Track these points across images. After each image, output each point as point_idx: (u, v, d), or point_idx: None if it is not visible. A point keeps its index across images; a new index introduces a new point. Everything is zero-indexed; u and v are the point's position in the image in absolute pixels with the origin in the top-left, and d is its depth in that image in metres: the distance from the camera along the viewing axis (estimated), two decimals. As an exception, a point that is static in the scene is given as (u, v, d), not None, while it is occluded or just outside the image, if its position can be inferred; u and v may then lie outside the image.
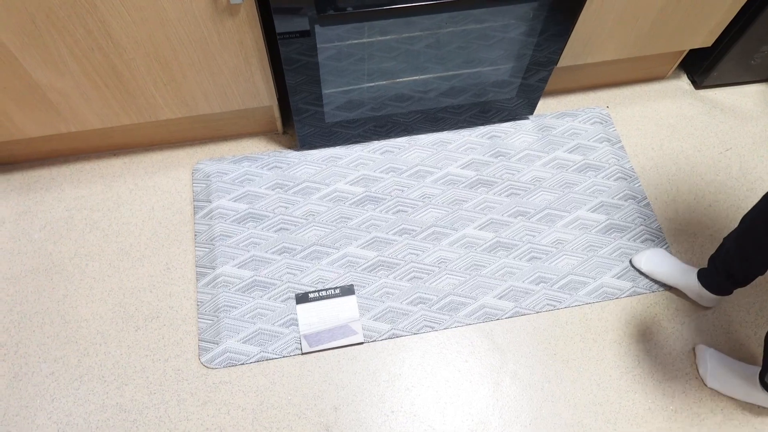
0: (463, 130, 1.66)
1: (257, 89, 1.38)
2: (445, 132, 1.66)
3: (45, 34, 1.10)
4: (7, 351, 1.33)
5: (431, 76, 1.45)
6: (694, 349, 1.37)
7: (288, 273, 1.43)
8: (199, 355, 1.33)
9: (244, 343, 1.34)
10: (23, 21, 1.06)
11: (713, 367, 1.31)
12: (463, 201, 1.54)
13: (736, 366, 1.29)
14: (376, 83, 1.42)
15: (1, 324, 1.36)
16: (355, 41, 1.28)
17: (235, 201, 1.52)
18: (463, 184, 1.57)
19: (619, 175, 1.60)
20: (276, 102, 1.45)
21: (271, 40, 1.41)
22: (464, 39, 1.34)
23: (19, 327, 1.36)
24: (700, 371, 1.33)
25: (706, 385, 1.32)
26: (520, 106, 1.63)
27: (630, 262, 1.47)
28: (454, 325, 1.39)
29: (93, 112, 1.34)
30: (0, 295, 1.39)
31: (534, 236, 1.50)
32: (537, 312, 1.42)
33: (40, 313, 1.37)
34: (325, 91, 1.41)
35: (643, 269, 1.43)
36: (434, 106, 1.56)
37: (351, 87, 1.41)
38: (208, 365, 1.32)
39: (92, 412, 1.27)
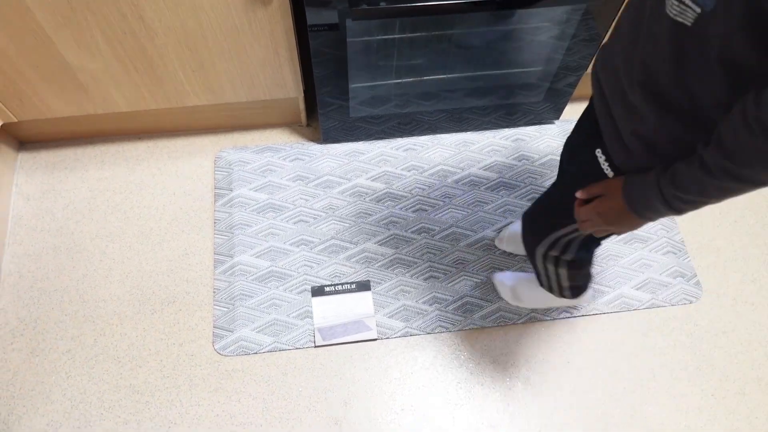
0: (487, 132, 1.65)
1: (284, 80, 1.38)
2: (469, 133, 1.65)
3: (80, 15, 1.11)
4: (26, 326, 1.35)
5: (459, 75, 1.44)
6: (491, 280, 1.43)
7: (305, 265, 1.43)
8: (213, 342, 1.34)
9: (258, 332, 1.35)
10: (59, 2, 1.07)
11: (513, 286, 1.38)
12: (484, 203, 1.53)
13: (529, 278, 1.35)
14: (403, 80, 1.41)
15: (21, 300, 1.38)
16: (385, 37, 1.27)
17: (256, 191, 1.52)
18: (485, 186, 1.56)
19: (643, 185, 1.58)
20: (302, 94, 1.45)
21: (301, 31, 1.41)
22: (495, 40, 1.33)
23: (39, 303, 1.37)
24: (505, 297, 1.40)
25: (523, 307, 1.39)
26: (547, 111, 1.61)
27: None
28: (468, 327, 1.39)
29: (121, 95, 1.35)
30: (22, 271, 1.41)
31: (554, 242, 1.48)
32: (553, 319, 1.40)
33: (60, 290, 1.39)
34: (352, 86, 1.40)
35: (507, 249, 1.47)
36: (459, 106, 1.54)
37: (377, 82, 1.41)
38: (221, 352, 1.33)
39: (106, 391, 1.29)
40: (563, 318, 1.41)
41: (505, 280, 1.41)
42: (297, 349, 1.34)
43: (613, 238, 1.50)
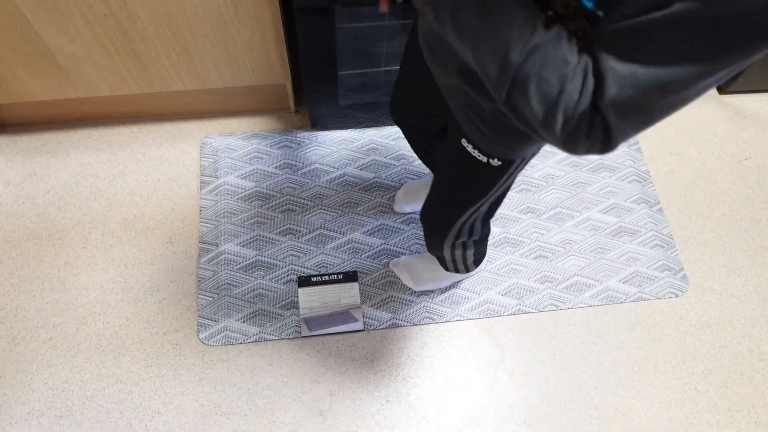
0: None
1: (271, 66, 1.35)
2: (459, 121, 1.62)
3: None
4: (6, 314, 1.33)
5: (450, 63, 1.41)
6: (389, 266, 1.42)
7: (292, 255, 1.41)
8: (198, 332, 1.33)
9: (243, 322, 1.34)
10: (36, -19, 1.03)
11: (409, 265, 1.38)
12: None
13: (425, 260, 1.36)
14: (393, 67, 1.38)
15: (1, 287, 1.35)
16: (375, 23, 1.24)
17: (242, 178, 1.50)
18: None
19: (633, 177, 1.57)
20: (290, 80, 1.42)
21: (289, 15, 1.38)
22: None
23: (19, 291, 1.35)
24: (405, 282, 1.39)
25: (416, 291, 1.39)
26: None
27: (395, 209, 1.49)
28: (455, 319, 1.38)
29: (103, 79, 1.32)
30: (1, 258, 1.38)
31: (542, 234, 1.48)
32: (540, 311, 1.40)
33: (41, 278, 1.37)
34: (341, 72, 1.37)
35: (407, 210, 1.48)
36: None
37: (367, 69, 1.38)
38: (206, 342, 1.32)
39: (88, 380, 1.28)
40: (549, 311, 1.41)
41: (403, 264, 1.40)
42: (282, 339, 1.34)
43: (507, 206, 1.50)
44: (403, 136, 1.58)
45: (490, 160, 0.80)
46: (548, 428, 1.28)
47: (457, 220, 1.00)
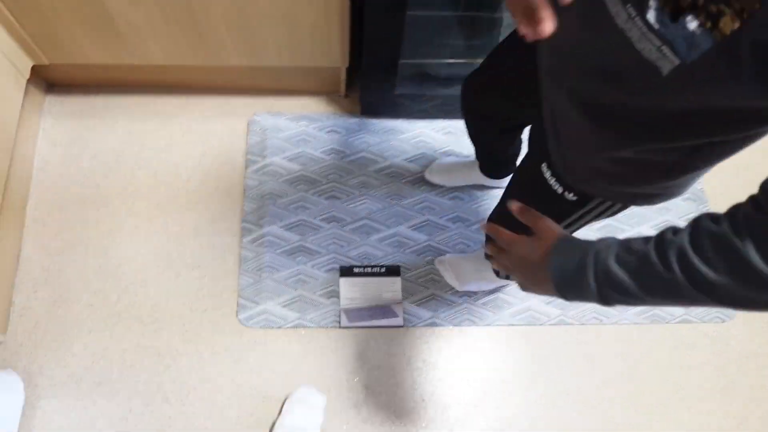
0: (532, 120, 1.58)
1: (331, 48, 1.31)
2: (513, 119, 1.57)
3: (127, -38, 1.03)
4: (49, 275, 1.33)
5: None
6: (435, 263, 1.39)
7: (335, 243, 1.39)
8: (237, 312, 1.32)
9: (283, 307, 1.33)
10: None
11: (454, 265, 1.35)
12: (523, 196, 1.48)
13: (472, 260, 1.34)
14: (458, 60, 1.34)
15: (45, 249, 1.35)
16: (448, 13, 1.19)
17: (289, 160, 1.47)
18: (526, 178, 1.50)
19: (688, 195, 1.51)
20: (347, 64, 1.38)
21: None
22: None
23: (63, 254, 1.35)
24: (449, 281, 1.36)
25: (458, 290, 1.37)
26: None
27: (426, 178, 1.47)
28: (496, 323, 1.36)
29: (159, 47, 1.28)
30: (46, 219, 1.38)
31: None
32: (582, 324, 1.38)
33: (84, 243, 1.36)
34: (402, 61, 1.32)
35: (436, 181, 1.45)
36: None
37: (430, 60, 1.33)
38: (245, 323, 1.31)
39: (127, 350, 1.28)
40: (592, 324, 1.38)
41: (449, 263, 1.37)
42: (321, 327, 1.33)
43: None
44: (454, 131, 1.54)
45: (566, 193, 0.75)
46: (581, 442, 1.27)
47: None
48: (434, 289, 1.37)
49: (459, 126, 1.54)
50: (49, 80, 1.49)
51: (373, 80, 1.38)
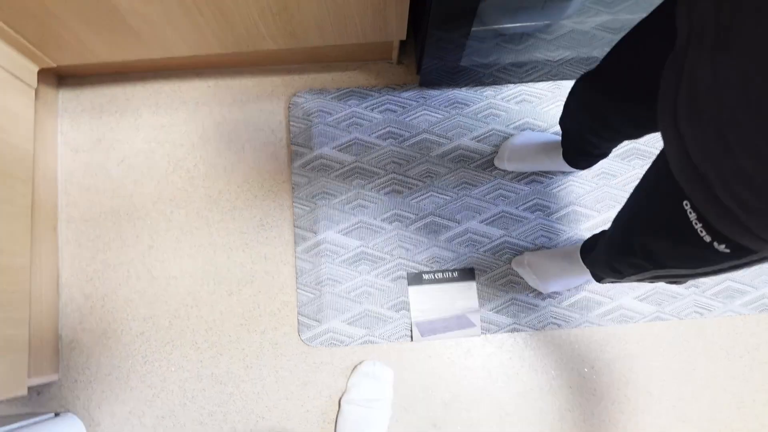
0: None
1: (386, 22, 1.07)
2: (597, 79, 1.33)
3: (131, -48, 0.80)
4: (94, 304, 1.22)
5: (610, 17, 1.10)
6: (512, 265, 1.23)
7: (399, 247, 1.24)
8: (299, 332, 1.21)
9: (349, 324, 1.20)
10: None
11: (536, 264, 1.18)
12: (612, 175, 1.28)
13: (555, 257, 1.17)
14: (535, 23, 1.09)
15: (84, 272, 1.23)
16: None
17: (340, 150, 1.28)
18: (616, 154, 1.28)
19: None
20: (404, 36, 1.14)
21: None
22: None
23: (104, 278, 1.23)
24: (531, 283, 1.21)
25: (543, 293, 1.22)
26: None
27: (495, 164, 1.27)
28: (584, 325, 1.22)
29: (181, 39, 1.07)
30: (80, 239, 1.25)
31: (693, 230, 1.25)
32: (680, 319, 1.23)
33: (125, 264, 1.24)
34: (475, 29, 1.08)
35: (509, 168, 1.25)
36: (592, 54, 1.22)
37: (512, 25, 1.09)
38: (308, 343, 1.20)
39: (187, 379, 1.19)
40: (692, 319, 1.23)
41: (529, 263, 1.20)
42: (391, 342, 1.21)
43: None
44: (528, 98, 1.31)
45: (716, 243, 0.56)
46: (685, 456, 1.16)
47: (645, 272, 0.79)
48: (514, 293, 1.22)
49: (534, 92, 1.31)
50: (59, 72, 1.30)
51: (437, 53, 1.15)
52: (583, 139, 1.04)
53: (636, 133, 0.82)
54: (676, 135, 0.51)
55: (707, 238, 0.56)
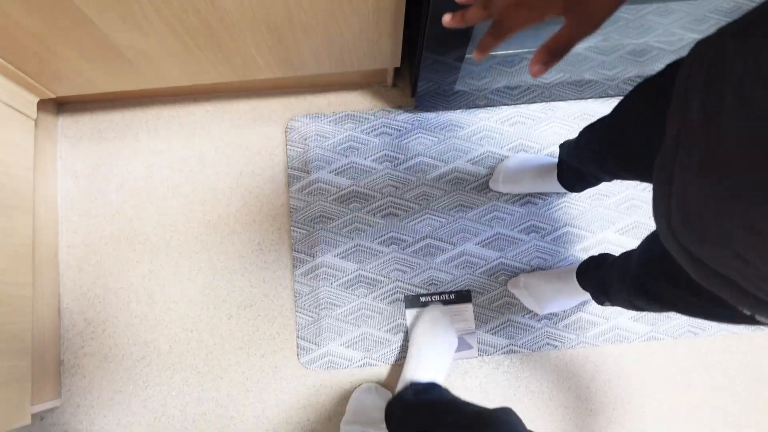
0: (613, 99, 1.35)
1: (381, 52, 1.09)
2: (590, 100, 1.34)
3: (129, -5, 0.82)
4: (95, 329, 1.24)
5: (603, 43, 1.12)
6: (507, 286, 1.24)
7: (397, 270, 1.25)
8: (298, 355, 1.22)
9: (347, 347, 1.22)
10: (102, -18, 0.78)
11: (531, 286, 1.19)
12: (606, 196, 1.29)
13: (550, 278, 1.18)
14: (529, 50, 1.10)
15: (85, 298, 1.25)
16: None
17: (336, 174, 1.29)
18: (609, 175, 1.30)
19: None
20: (399, 63, 1.16)
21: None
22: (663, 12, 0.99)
23: (105, 303, 1.25)
24: (528, 305, 1.22)
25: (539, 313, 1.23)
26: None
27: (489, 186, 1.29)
28: (579, 345, 1.24)
29: (178, 70, 1.08)
30: (81, 264, 1.26)
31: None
32: (675, 338, 1.24)
33: (125, 288, 1.26)
34: (469, 55, 1.10)
35: (503, 191, 1.27)
36: (584, 77, 1.23)
37: (506, 51, 1.10)
38: (307, 366, 1.22)
39: (188, 404, 1.21)
40: (687, 338, 1.24)
41: (524, 285, 1.21)
42: (389, 364, 1.22)
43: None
44: (522, 120, 1.32)
45: (758, 315, 0.57)
46: (680, 474, 1.18)
47: (659, 309, 0.79)
48: (510, 315, 1.24)
49: (528, 113, 1.33)
50: (59, 101, 1.32)
51: (432, 76, 1.16)
52: (581, 172, 1.05)
53: (638, 179, 0.82)
54: (677, 242, 0.49)
55: (747, 312, 0.51)
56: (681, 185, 0.47)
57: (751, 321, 0.55)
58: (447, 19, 0.55)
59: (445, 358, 1.14)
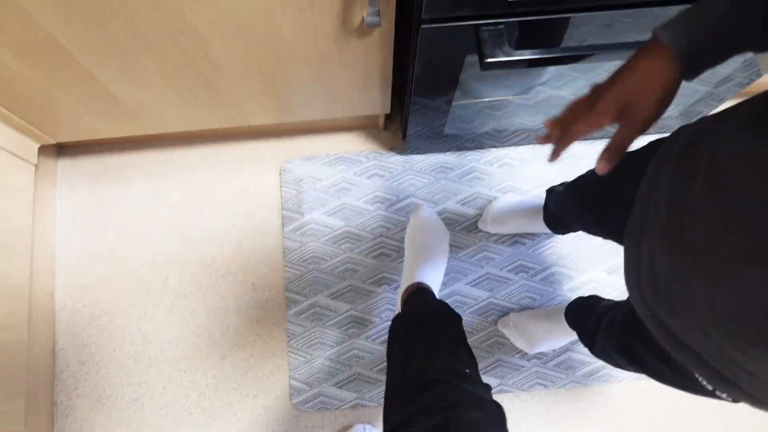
0: (598, 142, 1.39)
1: (371, 101, 1.13)
2: (576, 143, 1.38)
3: (129, 53, 0.86)
4: (89, 369, 1.25)
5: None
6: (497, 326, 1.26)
7: (389, 309, 1.27)
8: (291, 396, 1.23)
9: (339, 388, 1.23)
10: (104, 41, 0.82)
11: (521, 326, 1.21)
12: (593, 237, 1.32)
13: (540, 318, 1.20)
14: (515, 96, 1.14)
15: (80, 339, 1.26)
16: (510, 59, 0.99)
17: (329, 215, 1.32)
18: (595, 216, 1.33)
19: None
20: (389, 110, 1.20)
21: (400, 44, 1.13)
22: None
23: (99, 344, 1.26)
24: (518, 344, 1.23)
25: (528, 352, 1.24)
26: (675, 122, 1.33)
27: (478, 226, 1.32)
28: (570, 385, 1.25)
29: (176, 118, 1.12)
30: (77, 305, 1.28)
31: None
32: (664, 377, 1.25)
33: (120, 329, 1.27)
34: (456, 103, 1.14)
35: (491, 231, 1.30)
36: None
37: (488, 99, 1.14)
38: (299, 407, 1.22)
39: (180, 445, 1.21)
40: (676, 377, 1.25)
41: (514, 324, 1.23)
42: (381, 405, 1.23)
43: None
44: (510, 162, 1.36)
45: (718, 392, 0.58)
46: None
47: (638, 371, 0.79)
48: (500, 354, 1.25)
49: (515, 155, 1.37)
50: (59, 145, 1.35)
51: (421, 120, 1.20)
52: (565, 220, 1.08)
53: (613, 240, 0.83)
54: (648, 309, 0.52)
55: (709, 387, 0.55)
56: (648, 255, 0.50)
57: (713, 395, 0.57)
58: (600, 166, 0.56)
59: (439, 260, 1.14)
